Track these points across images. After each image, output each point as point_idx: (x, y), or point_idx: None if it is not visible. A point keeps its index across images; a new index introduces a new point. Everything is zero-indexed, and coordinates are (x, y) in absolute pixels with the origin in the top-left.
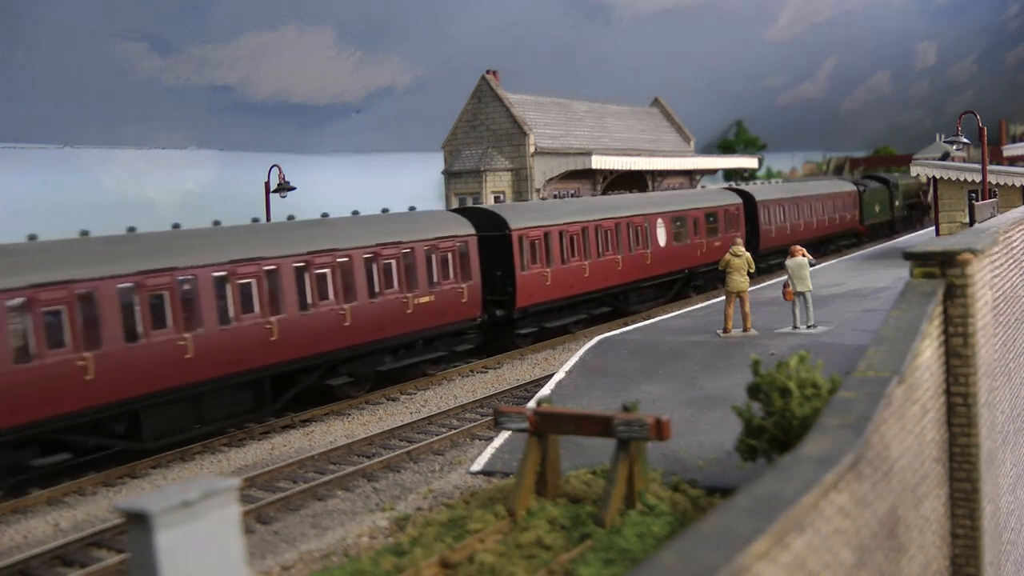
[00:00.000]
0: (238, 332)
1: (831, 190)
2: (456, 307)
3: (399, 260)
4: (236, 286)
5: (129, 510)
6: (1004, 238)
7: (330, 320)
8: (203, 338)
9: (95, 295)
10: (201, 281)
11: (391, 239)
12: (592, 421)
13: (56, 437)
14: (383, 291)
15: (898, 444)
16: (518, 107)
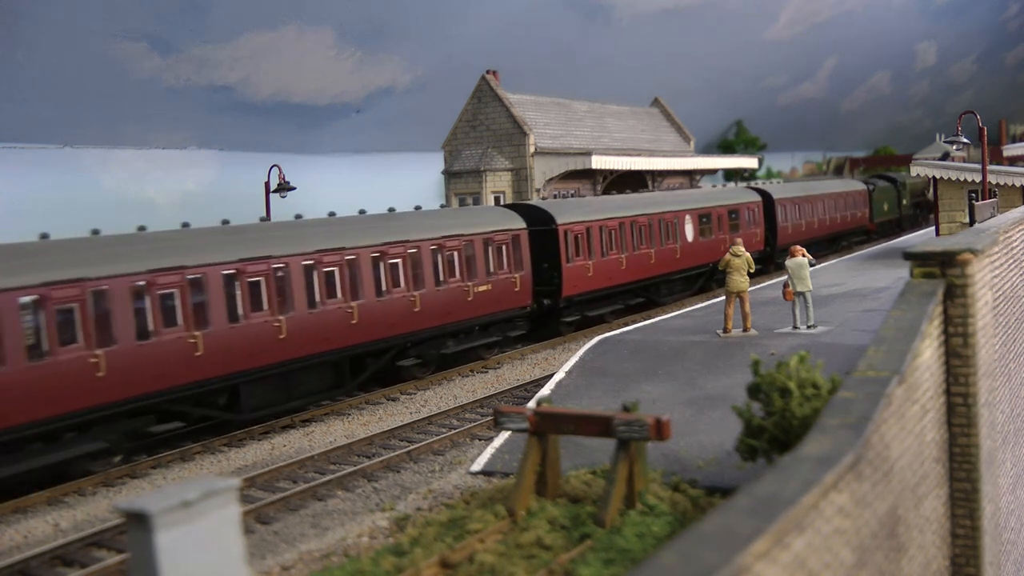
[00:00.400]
0: (324, 315)
1: (843, 189)
2: (510, 295)
3: (461, 251)
4: (322, 273)
5: (129, 510)
6: (1004, 238)
7: (402, 306)
8: (295, 320)
9: (204, 280)
10: (293, 269)
11: (454, 232)
12: (592, 421)
13: (169, 408)
14: (447, 280)
15: (898, 444)
16: (518, 107)
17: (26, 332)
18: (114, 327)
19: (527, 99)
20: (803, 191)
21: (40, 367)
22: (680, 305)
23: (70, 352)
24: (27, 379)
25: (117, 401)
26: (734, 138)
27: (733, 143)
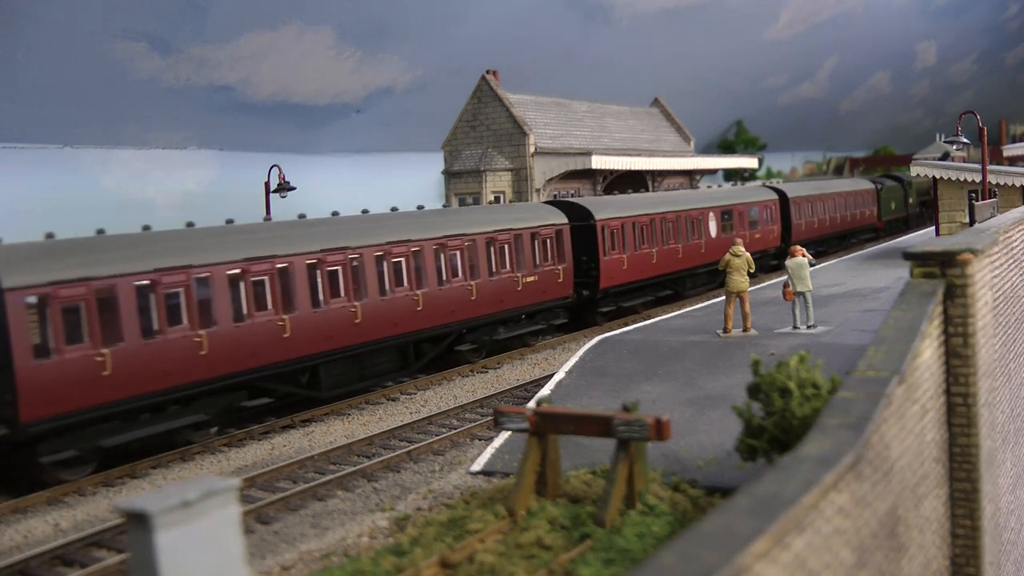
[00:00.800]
0: (393, 302)
1: (852, 188)
2: (554, 286)
3: (511, 244)
4: (391, 263)
5: (129, 510)
6: (1004, 238)
7: (460, 294)
8: (368, 306)
9: (291, 269)
10: (366, 259)
11: (505, 226)
12: (592, 421)
13: (259, 384)
14: (499, 271)
15: (898, 444)
16: (518, 107)
17: (141, 313)
18: (214, 310)
19: (527, 99)
20: (816, 190)
21: (152, 345)
22: (680, 305)
23: (177, 332)
24: (142, 355)
25: (216, 377)
26: (734, 138)
27: (733, 143)
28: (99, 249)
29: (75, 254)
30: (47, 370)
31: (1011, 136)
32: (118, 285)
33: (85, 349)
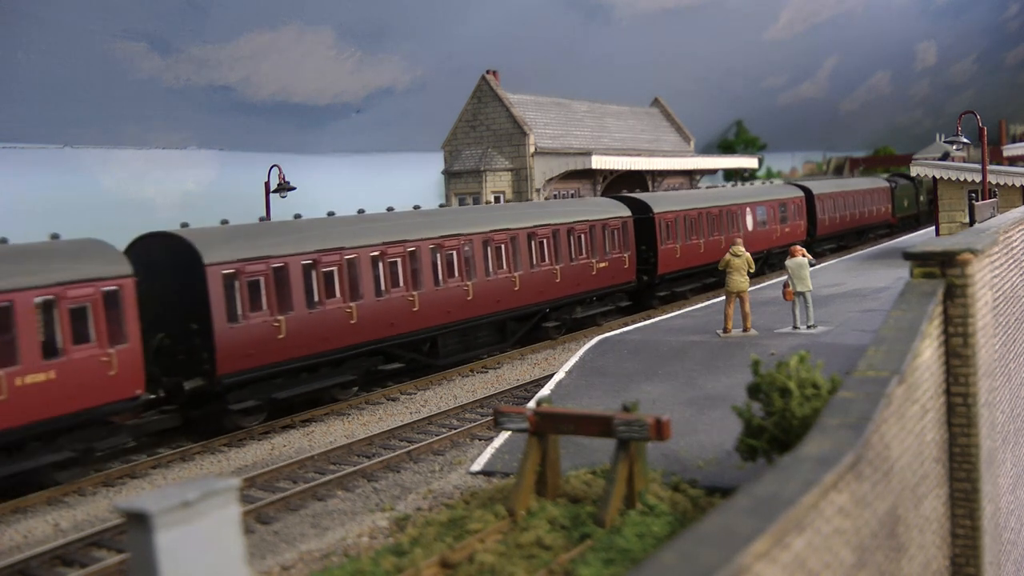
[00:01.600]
0: (495, 282)
1: (869, 186)
2: (620, 272)
3: (587, 234)
4: (494, 248)
5: (129, 510)
6: (1004, 238)
7: (547, 277)
8: (478, 286)
9: (418, 252)
10: (475, 244)
11: (582, 217)
12: (592, 421)
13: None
14: (578, 257)
15: (898, 444)
16: (518, 107)
17: (306, 287)
18: (361, 286)
19: (527, 99)
20: (838, 187)
21: (315, 314)
22: (681, 305)
23: (333, 303)
24: (307, 322)
25: (361, 343)
26: (734, 138)
27: (733, 143)
28: (273, 233)
29: (255, 237)
30: (237, 333)
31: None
32: (289, 263)
33: (265, 316)
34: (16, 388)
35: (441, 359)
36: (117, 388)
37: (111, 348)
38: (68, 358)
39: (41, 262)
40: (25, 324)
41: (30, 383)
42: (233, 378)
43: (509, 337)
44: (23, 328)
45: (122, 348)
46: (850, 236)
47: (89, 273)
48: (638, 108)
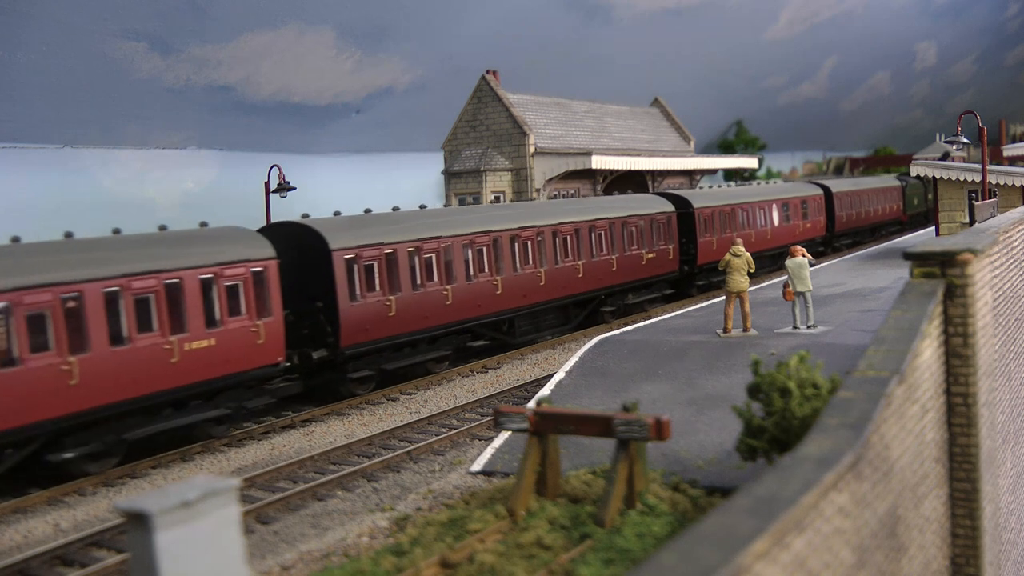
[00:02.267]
0: (563, 270)
1: (882, 185)
2: (666, 262)
3: (638, 227)
4: (562, 239)
5: (129, 510)
6: (1004, 238)
7: (605, 266)
8: (548, 273)
9: (500, 240)
10: (547, 235)
11: (634, 212)
12: (592, 421)
13: (476, 330)
14: (631, 248)
15: (898, 444)
16: (518, 107)
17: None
18: (454, 270)
19: (527, 99)
20: (854, 186)
21: (418, 295)
22: (681, 305)
23: (433, 286)
24: (412, 302)
25: (454, 322)
26: (734, 138)
27: (733, 143)
28: (381, 223)
29: (368, 227)
30: (356, 310)
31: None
32: (397, 249)
33: (379, 296)
34: (185, 352)
35: (517, 338)
36: (263, 355)
37: (259, 320)
38: (225, 328)
39: (201, 246)
40: (191, 298)
41: (196, 348)
42: (352, 350)
43: (572, 320)
44: (190, 301)
45: (268, 320)
46: (864, 232)
47: (241, 255)
48: (638, 108)
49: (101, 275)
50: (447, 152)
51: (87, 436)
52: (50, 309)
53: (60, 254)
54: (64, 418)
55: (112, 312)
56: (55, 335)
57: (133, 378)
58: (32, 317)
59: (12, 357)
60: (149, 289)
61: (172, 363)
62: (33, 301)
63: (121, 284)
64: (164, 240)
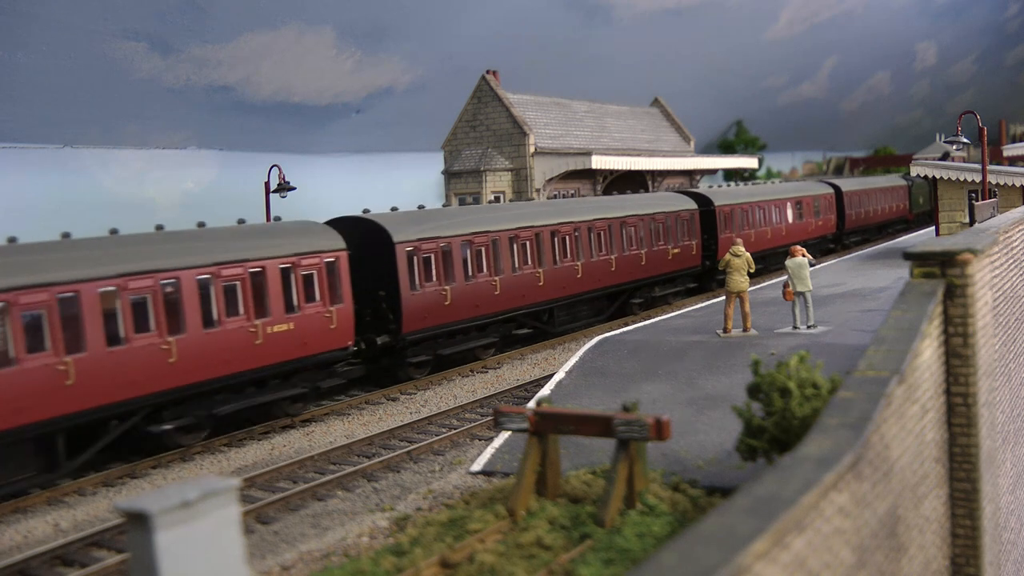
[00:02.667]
0: (598, 263)
1: (889, 184)
2: (689, 257)
3: (664, 223)
4: (597, 234)
5: (129, 510)
6: (1004, 238)
7: (635, 260)
8: (585, 266)
9: (541, 235)
10: (583, 230)
11: (661, 208)
12: (592, 421)
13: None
14: (658, 244)
15: (898, 444)
16: (518, 107)
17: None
18: (501, 263)
19: (527, 99)
20: (862, 185)
21: (470, 285)
22: (680, 305)
23: (483, 277)
24: (465, 292)
25: (501, 311)
26: (734, 138)
27: (733, 143)
28: (436, 218)
29: (425, 221)
30: (416, 298)
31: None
32: (452, 242)
33: (435, 285)
34: (268, 335)
35: (556, 327)
36: (335, 339)
37: (331, 307)
38: (302, 313)
39: (280, 238)
40: (273, 285)
41: (277, 331)
42: (413, 336)
43: (604, 311)
44: (272, 288)
45: (339, 307)
46: (872, 230)
47: (316, 247)
48: (638, 108)
49: (194, 263)
50: (447, 152)
51: (181, 410)
52: (151, 294)
53: (158, 244)
54: (163, 393)
55: (204, 298)
56: (156, 318)
57: (222, 358)
58: (135, 302)
59: (119, 337)
60: (236, 277)
61: (256, 345)
62: (136, 287)
63: (212, 272)
64: (248, 233)
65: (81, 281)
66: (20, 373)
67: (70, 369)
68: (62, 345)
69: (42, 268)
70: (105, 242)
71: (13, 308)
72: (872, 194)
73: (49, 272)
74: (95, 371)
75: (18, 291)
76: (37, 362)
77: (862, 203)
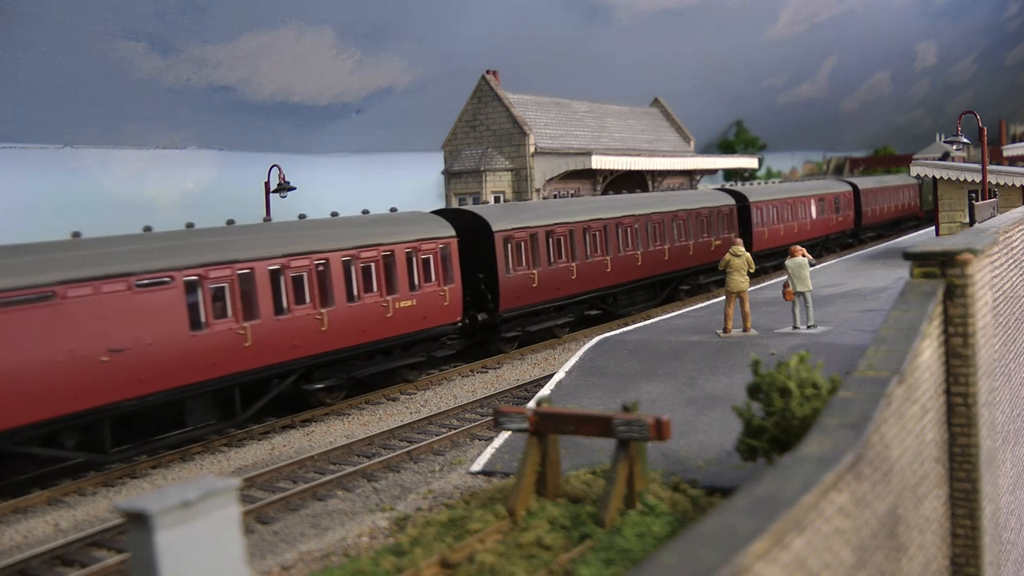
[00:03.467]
0: (654, 253)
1: (900, 183)
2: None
3: (707, 218)
4: (652, 226)
5: (129, 510)
6: (1004, 238)
7: (683, 251)
8: (644, 255)
9: (608, 227)
10: (641, 222)
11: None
12: (592, 421)
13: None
14: (702, 236)
15: (898, 444)
16: (518, 107)
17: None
18: (576, 250)
19: (527, 99)
20: (878, 184)
21: (551, 270)
22: (680, 305)
23: (562, 263)
24: (548, 276)
25: (577, 294)
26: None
27: (733, 143)
28: (523, 210)
29: (515, 212)
30: (510, 280)
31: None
32: (538, 232)
33: (525, 269)
34: (397, 309)
35: (619, 310)
36: (448, 314)
37: (444, 286)
38: (422, 291)
39: (403, 225)
40: (400, 266)
41: (402, 307)
42: (507, 314)
43: (657, 297)
44: (399, 269)
45: (451, 287)
46: (887, 226)
47: (432, 233)
48: (638, 108)
49: (341, 247)
50: (447, 152)
51: (328, 372)
52: (307, 272)
53: (312, 231)
54: (315, 356)
55: (347, 276)
56: (311, 292)
57: (361, 328)
58: (295, 278)
59: (283, 307)
60: (372, 259)
61: (387, 318)
62: (296, 265)
63: (352, 254)
64: (378, 221)
65: (255, 260)
66: (211, 335)
67: (248, 333)
68: (241, 313)
69: (225, 249)
70: (272, 228)
71: (204, 281)
72: (886, 192)
73: (231, 252)
74: (265, 336)
75: (208, 267)
76: (223, 326)
77: (877, 200)
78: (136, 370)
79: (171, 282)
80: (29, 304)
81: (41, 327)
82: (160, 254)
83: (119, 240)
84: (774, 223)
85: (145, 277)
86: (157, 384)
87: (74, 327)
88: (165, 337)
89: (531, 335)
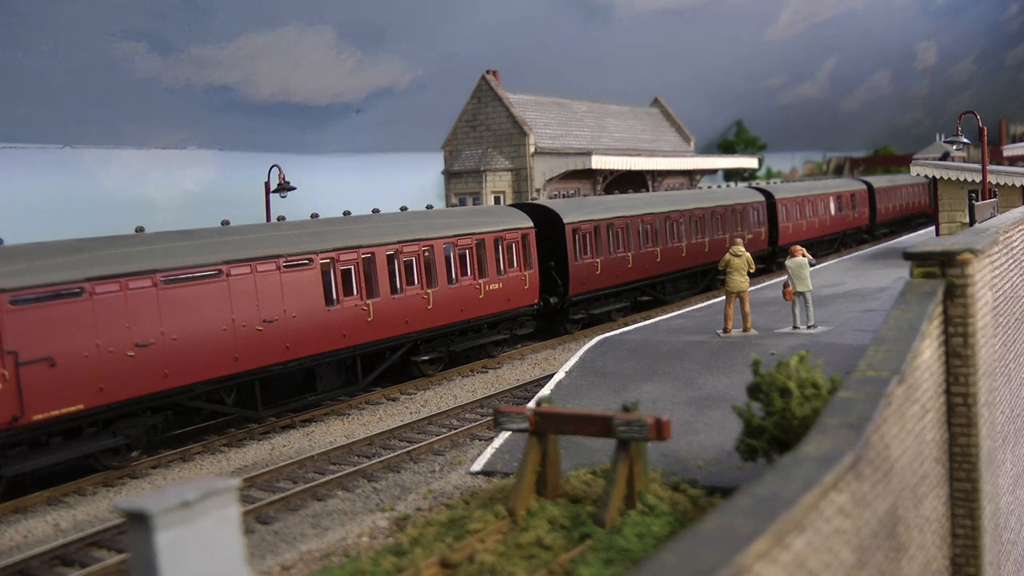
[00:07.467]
0: (697, 245)
1: (912, 181)
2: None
3: (742, 213)
4: (695, 221)
5: (129, 510)
6: (1004, 238)
7: (720, 244)
8: (687, 247)
9: (656, 220)
10: (686, 217)
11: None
12: (592, 421)
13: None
14: (736, 229)
15: (898, 444)
16: (518, 107)
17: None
18: (629, 242)
19: (527, 99)
20: (890, 183)
21: (612, 259)
22: (680, 305)
23: (619, 253)
24: (608, 265)
25: (631, 281)
26: (734, 138)
27: (733, 143)
28: (590, 205)
29: (582, 207)
30: (578, 268)
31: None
32: (600, 225)
33: (590, 258)
34: (487, 291)
35: (667, 296)
36: (527, 297)
37: (525, 272)
38: (507, 275)
39: (491, 217)
40: (490, 253)
41: (491, 289)
42: (575, 298)
43: (697, 286)
44: (489, 255)
45: (530, 272)
46: (899, 223)
47: (515, 224)
48: (638, 108)
49: (442, 235)
50: (447, 152)
51: (432, 346)
52: (415, 256)
53: (418, 220)
54: (422, 332)
55: (447, 260)
56: (419, 274)
57: (458, 307)
58: (406, 262)
59: (397, 287)
60: (467, 245)
61: (479, 299)
62: (408, 251)
63: (452, 241)
64: (469, 212)
65: (376, 246)
66: (342, 310)
67: (370, 309)
68: (365, 292)
69: (353, 236)
70: (384, 218)
71: (336, 264)
72: (899, 190)
73: (356, 239)
74: (383, 312)
75: (339, 251)
76: (351, 303)
77: (891, 198)
78: (283, 339)
79: (310, 264)
80: (207, 280)
81: (212, 301)
82: (300, 240)
83: (268, 227)
84: (797, 219)
85: (291, 259)
86: (299, 351)
87: (236, 301)
88: (306, 310)
89: (594, 317)
